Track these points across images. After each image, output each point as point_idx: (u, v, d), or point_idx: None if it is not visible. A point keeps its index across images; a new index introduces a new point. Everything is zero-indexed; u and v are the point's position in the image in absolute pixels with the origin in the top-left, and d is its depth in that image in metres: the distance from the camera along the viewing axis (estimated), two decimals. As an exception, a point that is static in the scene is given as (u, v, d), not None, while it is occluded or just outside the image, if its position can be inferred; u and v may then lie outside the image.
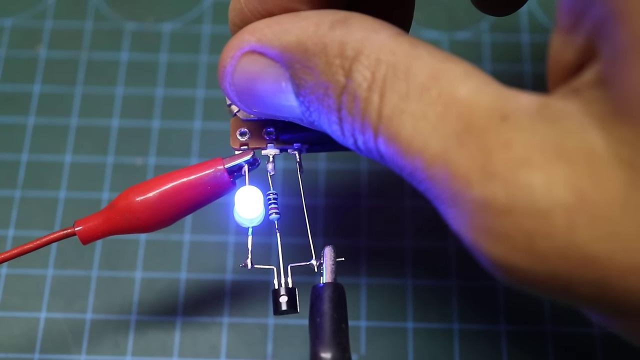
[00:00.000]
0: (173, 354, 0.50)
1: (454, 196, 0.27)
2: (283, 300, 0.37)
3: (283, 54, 0.32)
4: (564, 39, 0.27)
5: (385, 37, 0.30)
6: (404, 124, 0.28)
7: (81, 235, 0.40)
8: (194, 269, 0.53)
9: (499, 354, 0.50)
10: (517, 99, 0.27)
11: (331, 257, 0.38)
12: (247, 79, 0.34)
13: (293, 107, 0.33)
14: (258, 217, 0.39)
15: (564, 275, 0.25)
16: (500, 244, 0.26)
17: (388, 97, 0.29)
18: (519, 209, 0.25)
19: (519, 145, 0.25)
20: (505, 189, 0.25)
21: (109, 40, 0.61)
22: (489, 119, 0.26)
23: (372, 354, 0.50)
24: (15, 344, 0.50)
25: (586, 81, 0.26)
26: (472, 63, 0.29)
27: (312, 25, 0.31)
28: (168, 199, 0.39)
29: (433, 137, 0.27)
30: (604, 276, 0.24)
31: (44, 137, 0.57)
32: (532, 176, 0.25)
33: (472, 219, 0.26)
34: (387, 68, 0.29)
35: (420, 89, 0.28)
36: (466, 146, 0.26)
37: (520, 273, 0.26)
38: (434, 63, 0.29)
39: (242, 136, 0.40)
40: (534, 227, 0.25)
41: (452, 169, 0.27)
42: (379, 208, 0.55)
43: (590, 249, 0.24)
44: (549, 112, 0.26)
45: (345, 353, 0.35)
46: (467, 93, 0.27)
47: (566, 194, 0.24)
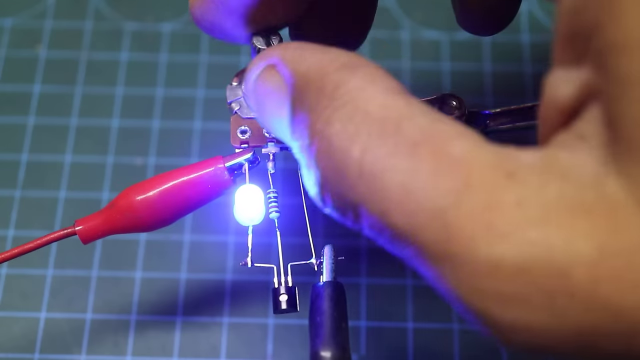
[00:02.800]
0: (173, 354, 0.50)
1: (453, 261, 0.25)
2: (283, 299, 0.37)
3: (291, 78, 0.31)
4: (563, 75, 0.26)
5: (382, 90, 0.29)
6: (391, 181, 0.26)
7: (81, 234, 0.40)
8: (194, 269, 0.53)
9: (499, 354, 0.50)
10: (518, 156, 0.26)
11: (331, 256, 0.38)
12: (262, 92, 0.33)
13: (285, 134, 0.32)
14: (258, 216, 0.39)
15: (589, 331, 0.24)
16: (514, 307, 0.25)
17: (371, 152, 0.27)
18: (535, 268, 0.24)
19: (531, 204, 0.24)
20: (517, 249, 0.24)
21: (109, 40, 0.61)
22: (493, 176, 0.25)
23: (372, 354, 0.50)
24: (15, 344, 0.50)
25: (591, 122, 0.25)
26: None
27: (326, 60, 0.30)
28: (168, 198, 0.39)
29: (427, 195, 0.26)
30: (632, 328, 0.24)
31: (44, 137, 0.57)
32: (549, 234, 0.24)
33: (478, 285, 0.25)
34: (374, 122, 0.28)
35: (411, 144, 0.27)
36: (467, 204, 0.25)
37: (539, 335, 0.25)
38: (427, 123, 0.27)
39: (242, 134, 0.40)
40: (554, 285, 0.24)
41: (453, 231, 0.25)
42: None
43: (616, 300, 0.23)
44: (557, 166, 0.25)
45: (345, 352, 0.35)
46: (463, 150, 0.26)
47: (587, 248, 0.23)
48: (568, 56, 0.26)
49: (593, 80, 0.25)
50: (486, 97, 0.58)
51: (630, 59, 0.23)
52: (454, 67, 0.59)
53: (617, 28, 0.23)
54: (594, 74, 0.25)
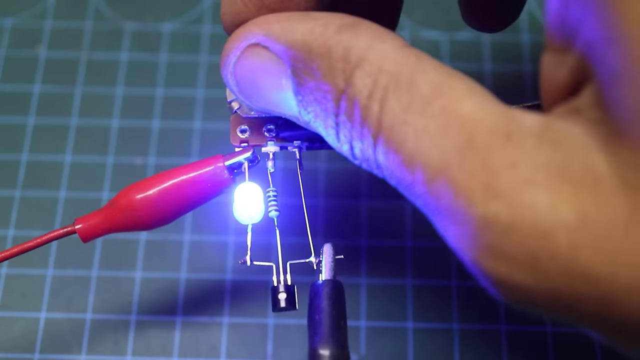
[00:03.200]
0: (173, 354, 0.50)
1: (454, 213, 0.27)
2: (282, 297, 0.37)
3: (287, 51, 0.32)
4: (556, 59, 0.27)
5: (391, 47, 0.30)
6: (405, 135, 0.28)
7: (81, 233, 0.40)
8: (194, 269, 0.53)
9: (499, 354, 0.50)
10: (521, 118, 0.27)
11: (330, 254, 0.38)
12: (249, 71, 0.34)
13: (291, 106, 0.33)
14: (257, 214, 0.39)
15: (567, 294, 0.25)
16: (503, 262, 0.26)
17: (389, 107, 0.29)
18: (523, 228, 0.25)
19: (524, 166, 0.26)
20: (509, 208, 0.25)
21: (109, 40, 0.61)
22: (493, 136, 0.26)
23: (372, 354, 0.50)
24: (15, 344, 0.50)
25: (586, 100, 0.26)
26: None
27: (320, 26, 0.31)
28: (168, 197, 0.39)
29: (434, 150, 0.27)
30: (606, 295, 0.25)
31: (44, 137, 0.57)
32: (537, 196, 0.25)
33: (474, 237, 0.26)
34: (390, 78, 0.29)
35: (423, 101, 0.28)
36: (468, 162, 0.26)
37: (522, 291, 0.26)
38: (438, 77, 0.28)
39: (242, 133, 0.40)
40: (538, 246, 0.25)
41: (454, 185, 0.27)
42: (379, 208, 0.55)
43: (593, 268, 0.24)
44: (553, 133, 0.26)
45: (344, 350, 0.35)
46: (470, 109, 0.27)
47: (570, 215, 0.25)
48: (558, 42, 0.27)
49: (584, 65, 0.26)
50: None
51: (620, 50, 0.24)
52: (454, 67, 0.58)
53: (606, 19, 0.24)
54: (584, 60, 0.26)
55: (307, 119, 0.33)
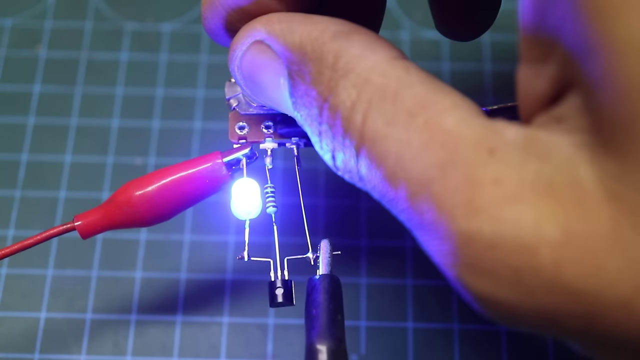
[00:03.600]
0: (173, 354, 0.50)
1: (436, 229, 0.27)
2: (279, 293, 0.37)
3: (285, 52, 0.32)
4: (532, 70, 0.27)
5: (382, 58, 0.30)
6: (388, 148, 0.28)
7: (81, 229, 0.40)
8: (194, 268, 0.53)
9: (499, 354, 0.50)
10: (503, 132, 0.26)
11: (327, 250, 0.38)
12: (252, 67, 0.34)
13: (288, 106, 0.33)
14: (255, 209, 0.39)
15: (551, 310, 0.25)
16: (485, 279, 0.26)
17: (372, 120, 0.28)
18: (506, 245, 0.25)
19: (508, 181, 0.25)
20: (491, 224, 0.25)
21: (109, 40, 0.61)
22: (476, 151, 0.26)
23: (372, 354, 0.50)
24: (15, 344, 0.50)
25: (569, 109, 0.26)
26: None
27: (317, 31, 0.31)
28: (167, 193, 0.39)
29: (417, 165, 0.27)
30: (590, 310, 0.24)
31: (44, 137, 0.57)
32: (521, 212, 0.25)
33: (456, 254, 0.26)
34: (375, 90, 0.29)
35: (407, 115, 0.28)
36: (451, 178, 0.26)
37: (505, 308, 0.26)
38: (424, 91, 0.28)
39: (240, 130, 0.40)
40: (521, 262, 0.25)
41: (436, 201, 0.26)
42: (379, 208, 0.54)
43: (577, 284, 0.24)
44: (537, 146, 0.26)
45: (341, 344, 0.35)
46: (453, 123, 0.27)
47: (553, 230, 0.24)
48: (535, 53, 0.27)
49: (565, 75, 0.26)
50: (486, 97, 0.58)
51: (603, 59, 0.23)
52: (454, 67, 0.59)
53: (587, 27, 0.24)
54: (563, 69, 0.26)
55: (301, 122, 0.33)
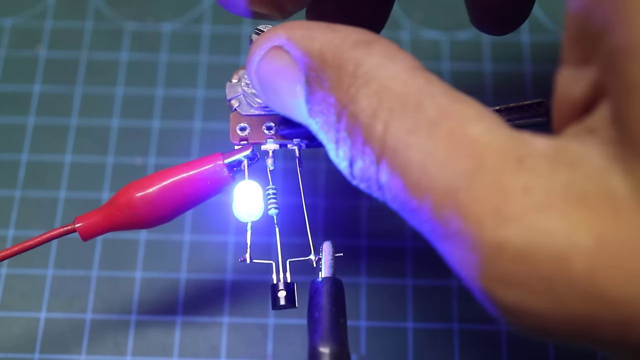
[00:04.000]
0: (173, 354, 0.50)
1: (462, 239, 0.26)
2: (281, 295, 0.37)
3: (304, 58, 0.32)
4: (573, 73, 0.27)
5: (402, 68, 0.30)
6: (410, 158, 0.28)
7: (81, 231, 0.40)
8: (194, 269, 0.53)
9: (499, 354, 0.50)
10: (532, 142, 0.26)
11: (330, 252, 0.38)
12: (269, 72, 0.34)
13: (303, 113, 0.33)
14: (257, 212, 0.39)
15: (585, 319, 0.25)
16: (515, 289, 0.25)
17: (394, 128, 0.28)
18: (537, 254, 0.25)
19: (538, 190, 0.25)
20: (522, 234, 0.25)
21: (109, 40, 0.61)
22: (504, 161, 0.26)
23: (372, 354, 0.50)
24: (15, 344, 0.50)
25: (601, 119, 0.26)
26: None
27: (338, 39, 0.31)
28: (167, 195, 0.39)
29: (442, 174, 0.27)
30: (626, 318, 0.24)
31: (44, 137, 0.57)
32: (553, 221, 0.25)
33: (484, 265, 0.26)
34: (397, 99, 0.29)
35: (430, 125, 0.28)
36: (478, 187, 0.26)
37: (537, 319, 0.26)
38: (446, 102, 0.28)
39: (241, 131, 0.40)
40: (554, 272, 0.25)
41: (463, 211, 0.26)
42: (379, 208, 0.55)
43: (612, 291, 0.24)
44: (567, 156, 0.26)
45: (344, 347, 0.35)
46: (479, 132, 0.27)
47: (587, 239, 0.24)
48: (577, 55, 0.27)
49: (602, 80, 0.25)
50: (486, 97, 0.58)
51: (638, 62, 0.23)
52: (454, 67, 0.59)
53: (627, 32, 0.24)
54: (602, 74, 0.25)
55: (315, 129, 0.33)
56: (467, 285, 0.27)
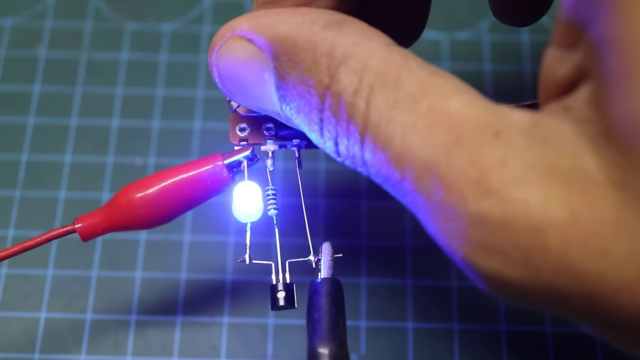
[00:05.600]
0: (173, 354, 0.50)
1: (444, 210, 0.27)
2: (281, 296, 0.37)
3: (271, 44, 0.32)
4: (559, 55, 0.28)
5: (377, 45, 0.30)
6: (392, 132, 0.28)
7: (81, 232, 0.40)
8: (194, 269, 0.53)
9: (499, 354, 0.50)
10: (509, 116, 0.27)
11: (329, 252, 0.38)
12: (231, 64, 0.34)
13: (273, 101, 0.33)
14: (256, 213, 0.39)
15: (558, 290, 0.26)
16: (494, 258, 0.26)
17: (375, 104, 0.29)
18: (514, 225, 0.25)
19: (514, 163, 0.26)
20: (500, 205, 0.26)
21: (109, 40, 0.61)
22: (482, 133, 0.27)
23: (372, 354, 0.50)
24: (15, 344, 0.50)
25: (579, 100, 0.26)
26: (470, 68, 0.29)
27: (307, 21, 0.31)
28: (167, 195, 0.39)
29: (423, 148, 0.27)
30: (595, 292, 0.25)
31: (44, 137, 0.57)
32: (529, 193, 0.25)
33: (465, 234, 0.27)
34: (376, 75, 0.29)
35: (410, 99, 0.28)
36: (458, 159, 0.27)
37: (514, 286, 0.26)
38: (425, 76, 0.29)
39: (241, 132, 0.40)
40: (530, 243, 0.25)
41: (444, 182, 0.27)
42: (379, 208, 0.55)
43: (583, 266, 0.25)
44: (542, 131, 0.26)
45: (343, 348, 0.35)
46: (458, 106, 0.27)
47: (561, 212, 0.25)
48: (565, 39, 0.27)
49: (585, 65, 0.26)
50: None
51: (620, 52, 0.24)
52: (454, 67, 0.59)
53: (611, 23, 0.24)
54: (585, 59, 0.26)
55: (289, 114, 0.33)
56: (447, 254, 0.28)
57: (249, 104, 0.35)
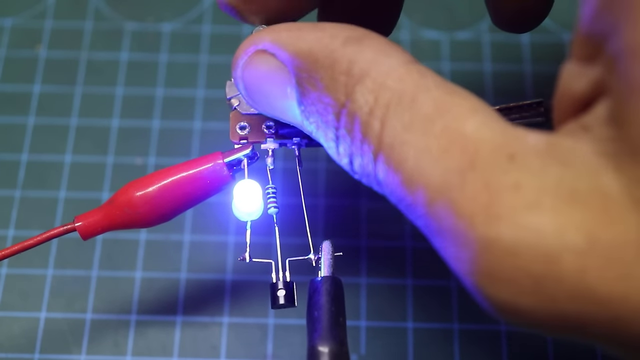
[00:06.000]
0: (173, 354, 0.50)
1: (455, 235, 0.26)
2: (281, 294, 0.37)
3: (293, 59, 0.32)
4: (577, 70, 0.27)
5: (396, 63, 0.30)
6: (406, 154, 0.28)
7: (81, 230, 0.40)
8: (194, 269, 0.53)
9: (499, 354, 0.50)
10: (524, 138, 0.26)
11: (329, 251, 0.38)
12: (255, 77, 0.34)
13: (295, 115, 0.33)
14: (256, 211, 0.39)
15: (575, 316, 0.25)
16: (504, 287, 0.26)
17: (390, 125, 0.28)
18: (526, 252, 0.25)
19: (528, 188, 0.25)
20: (511, 231, 0.25)
21: (109, 40, 0.61)
22: (496, 157, 0.26)
23: (372, 354, 0.50)
24: (15, 344, 0.50)
25: (597, 118, 0.26)
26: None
27: (327, 37, 0.31)
28: (167, 194, 0.39)
29: (435, 171, 0.27)
30: (617, 316, 0.24)
31: (44, 137, 0.57)
32: (542, 219, 0.25)
33: (474, 261, 0.26)
34: (392, 95, 0.29)
35: (425, 120, 0.28)
36: (470, 184, 0.26)
37: (526, 315, 0.26)
38: (441, 95, 0.28)
39: (241, 130, 0.40)
40: (542, 271, 0.25)
41: (455, 207, 0.26)
42: (379, 208, 0.55)
43: (602, 290, 0.24)
44: (559, 152, 0.26)
45: (343, 346, 0.34)
46: (473, 128, 0.27)
47: (577, 237, 0.24)
48: (584, 52, 0.27)
49: (604, 79, 0.26)
50: (486, 97, 0.58)
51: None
52: (454, 67, 0.59)
53: (632, 34, 0.24)
54: (605, 73, 0.26)
55: (310, 129, 0.33)
56: (459, 279, 0.28)
57: (274, 116, 0.35)
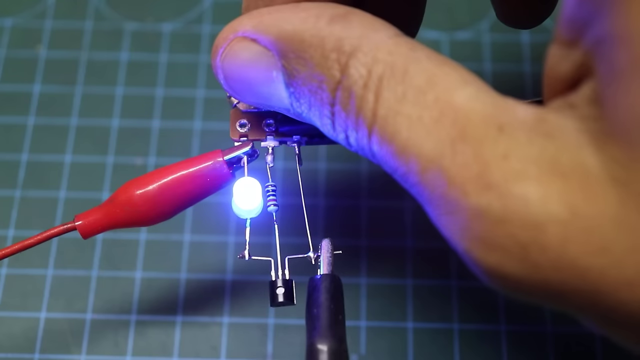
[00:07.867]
0: (173, 354, 0.50)
1: (447, 203, 0.27)
2: (280, 292, 0.37)
3: (277, 42, 0.32)
4: (562, 52, 0.28)
5: (385, 36, 0.30)
6: (399, 125, 0.28)
7: (82, 229, 0.40)
8: (194, 269, 0.53)
9: (499, 354, 0.50)
10: (514, 110, 0.27)
11: (328, 249, 0.38)
12: (236, 65, 0.34)
13: (282, 98, 0.33)
14: (256, 208, 0.39)
15: (557, 285, 0.26)
16: (494, 253, 0.26)
17: (384, 97, 0.29)
18: (514, 220, 0.26)
19: (515, 158, 0.26)
20: (500, 200, 0.26)
21: (109, 40, 0.61)
22: (486, 128, 0.27)
23: (372, 354, 0.50)
24: (15, 344, 0.50)
25: (582, 97, 0.26)
26: (470, 68, 0.29)
27: (312, 17, 0.31)
28: (168, 192, 0.39)
29: (428, 141, 0.27)
30: (595, 289, 0.25)
31: (44, 137, 0.57)
32: (528, 189, 0.25)
33: (466, 228, 0.27)
34: (384, 68, 0.29)
35: (417, 92, 0.28)
36: (461, 154, 0.27)
37: (513, 281, 0.27)
38: (432, 67, 0.29)
39: (241, 127, 0.40)
40: (529, 238, 0.25)
41: (447, 176, 0.27)
42: (379, 208, 0.55)
43: (582, 262, 0.25)
44: (545, 126, 0.26)
45: (342, 344, 0.34)
46: (463, 100, 0.27)
47: (560, 208, 0.25)
48: (567, 36, 0.27)
49: (587, 62, 0.26)
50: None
51: (623, 50, 0.24)
52: (454, 67, 0.59)
53: (615, 20, 0.24)
54: (588, 57, 0.26)
55: (300, 110, 0.33)
56: (452, 247, 0.28)
57: (256, 103, 0.35)
